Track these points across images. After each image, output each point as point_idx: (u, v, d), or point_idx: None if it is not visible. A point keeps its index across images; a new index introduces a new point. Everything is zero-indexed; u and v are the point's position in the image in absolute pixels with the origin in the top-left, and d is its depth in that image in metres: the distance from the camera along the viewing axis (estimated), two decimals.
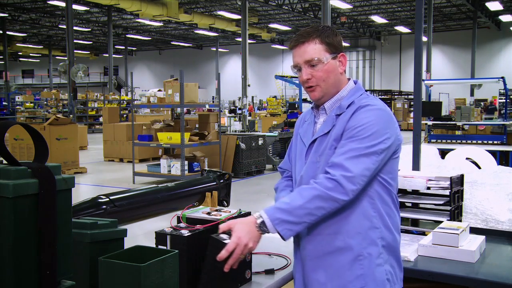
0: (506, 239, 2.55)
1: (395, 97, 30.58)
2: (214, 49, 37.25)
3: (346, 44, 34.19)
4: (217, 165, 10.29)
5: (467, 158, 4.99)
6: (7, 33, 29.95)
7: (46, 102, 26.83)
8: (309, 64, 1.76)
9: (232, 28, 27.59)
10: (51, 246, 1.21)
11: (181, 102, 9.35)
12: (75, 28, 23.98)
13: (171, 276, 1.53)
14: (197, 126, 11.52)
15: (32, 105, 28.34)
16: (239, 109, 21.85)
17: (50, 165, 1.27)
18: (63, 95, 26.13)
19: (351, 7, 25.18)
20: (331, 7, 18.07)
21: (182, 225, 1.89)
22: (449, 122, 10.45)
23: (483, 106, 22.27)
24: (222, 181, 3.22)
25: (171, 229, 1.83)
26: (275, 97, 27.28)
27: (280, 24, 29.81)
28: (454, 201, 2.61)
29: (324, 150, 1.75)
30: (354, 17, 29.27)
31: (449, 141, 9.52)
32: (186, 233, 1.78)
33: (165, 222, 2.06)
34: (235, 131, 15.65)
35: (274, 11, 27.47)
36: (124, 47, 36.89)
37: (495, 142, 9.08)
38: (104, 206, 2.52)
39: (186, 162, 9.62)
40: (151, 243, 1.83)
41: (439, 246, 2.24)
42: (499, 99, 22.75)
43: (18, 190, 1.16)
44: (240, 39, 20.95)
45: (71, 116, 14.79)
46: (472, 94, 25.62)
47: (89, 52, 41.55)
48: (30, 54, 42.94)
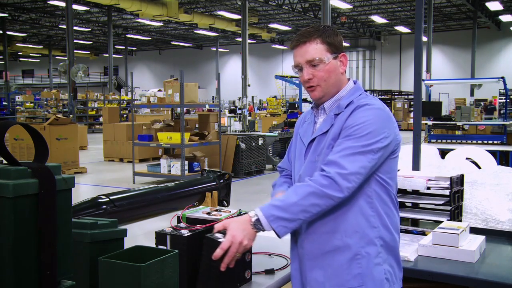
0: (506, 239, 2.55)
1: (395, 97, 30.60)
2: (214, 49, 37.25)
3: (346, 44, 34.20)
4: (217, 165, 10.29)
5: (467, 158, 4.99)
6: (7, 33, 29.95)
7: (46, 102, 26.82)
8: (310, 64, 1.76)
9: (232, 28, 27.59)
10: (51, 246, 1.21)
11: (181, 102, 9.35)
12: (75, 28, 23.98)
13: (171, 276, 1.53)
14: (197, 126, 11.52)
15: (32, 105, 28.34)
16: (239, 109, 21.84)
17: (50, 165, 1.27)
18: (63, 95, 26.13)
19: (351, 7, 25.18)
20: (331, 7, 18.07)
21: (182, 225, 1.89)
22: (449, 122, 10.45)
23: (483, 106, 22.26)
24: (222, 181, 3.23)
25: (171, 229, 1.83)
26: (275, 97, 27.29)
27: (280, 24, 29.81)
28: (454, 201, 2.61)
29: (322, 149, 1.76)
30: (354, 17, 29.27)
31: (449, 141, 9.52)
32: (186, 233, 1.78)
33: (165, 222, 2.06)
34: (235, 131, 15.64)
35: (274, 11, 27.47)
36: (124, 47, 36.90)
37: (495, 142, 9.08)
38: (104, 206, 2.52)
39: (186, 162, 9.62)
40: (151, 243, 1.83)
41: (439, 246, 2.24)
42: (499, 99, 22.71)
43: (18, 190, 1.16)
44: (240, 39, 20.94)
45: (71, 116, 14.79)
46: (472, 94, 25.63)
47: (89, 52, 41.55)
48: (30, 54, 42.95)
